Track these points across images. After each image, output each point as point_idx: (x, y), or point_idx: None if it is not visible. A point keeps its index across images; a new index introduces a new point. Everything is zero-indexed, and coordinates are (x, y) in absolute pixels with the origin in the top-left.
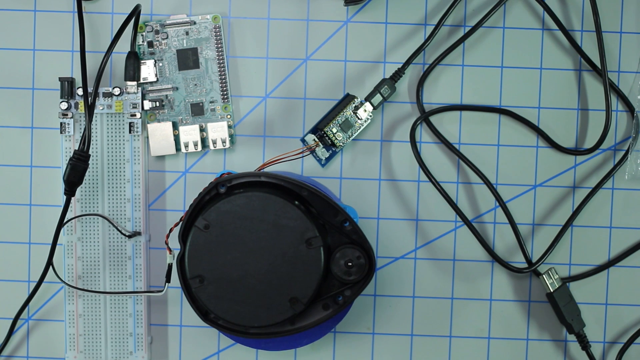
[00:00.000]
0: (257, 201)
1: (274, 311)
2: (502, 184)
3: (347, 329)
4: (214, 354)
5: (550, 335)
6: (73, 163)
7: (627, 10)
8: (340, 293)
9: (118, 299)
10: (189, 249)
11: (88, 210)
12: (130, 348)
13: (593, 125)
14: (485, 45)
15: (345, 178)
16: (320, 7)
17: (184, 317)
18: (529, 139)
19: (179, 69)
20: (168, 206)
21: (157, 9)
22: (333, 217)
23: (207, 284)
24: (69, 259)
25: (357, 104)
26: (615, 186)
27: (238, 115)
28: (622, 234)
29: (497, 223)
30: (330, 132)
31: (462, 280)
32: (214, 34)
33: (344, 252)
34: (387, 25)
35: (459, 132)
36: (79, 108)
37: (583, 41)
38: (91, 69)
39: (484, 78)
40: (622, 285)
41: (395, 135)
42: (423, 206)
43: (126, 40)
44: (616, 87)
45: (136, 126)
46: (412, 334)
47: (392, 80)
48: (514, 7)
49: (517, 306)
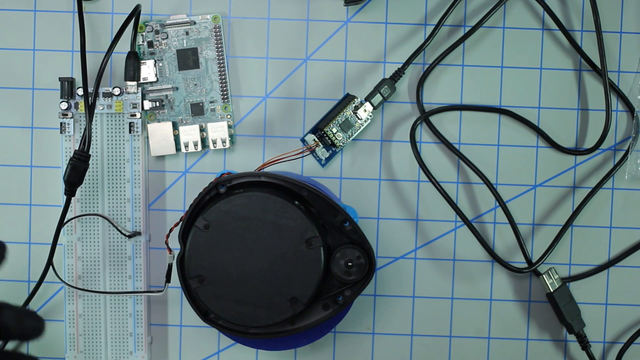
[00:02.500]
0: (257, 201)
1: (274, 311)
2: (502, 184)
3: (347, 329)
4: (214, 354)
5: (550, 335)
6: (73, 163)
7: (627, 10)
8: (340, 293)
9: (118, 299)
10: (189, 249)
11: (88, 210)
12: (130, 348)
13: (593, 125)
14: (485, 45)
15: (345, 178)
16: (320, 7)
17: (184, 317)
18: (529, 139)
19: (179, 69)
20: (168, 206)
21: (157, 9)
22: (333, 217)
23: (207, 284)
24: (69, 259)
25: (357, 104)
26: (615, 186)
27: (238, 115)
28: (622, 234)
29: (497, 223)
30: (330, 132)
31: (462, 280)
32: (214, 34)
33: (344, 252)
34: (387, 25)
35: (459, 132)
36: (79, 108)
37: (583, 41)
38: (91, 69)
39: (484, 78)
40: (622, 285)
41: (395, 135)
42: (423, 206)
43: (126, 40)
44: (616, 87)
45: (136, 126)
46: (412, 334)
47: (392, 80)
48: (514, 7)
49: (517, 306)
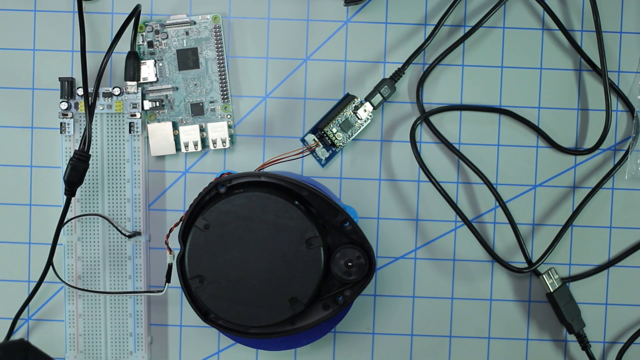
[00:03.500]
0: (257, 201)
1: (274, 311)
2: (502, 184)
3: (347, 329)
4: (214, 354)
5: (550, 335)
6: (73, 163)
7: (627, 10)
8: (340, 293)
9: (118, 299)
10: (189, 249)
11: (88, 210)
12: (130, 348)
13: (593, 125)
14: (485, 45)
15: (345, 178)
16: (320, 7)
17: (184, 317)
18: (529, 139)
19: (179, 69)
20: (168, 206)
21: (157, 9)
22: (333, 217)
23: (207, 284)
24: (69, 259)
25: (357, 104)
26: (615, 186)
27: (238, 115)
28: (622, 234)
29: (497, 223)
30: (330, 132)
31: (462, 280)
32: (214, 34)
33: (344, 252)
34: (387, 25)
35: (459, 132)
36: (79, 108)
37: (583, 41)
38: (91, 69)
39: (484, 78)
40: (622, 285)
41: (395, 135)
42: (423, 206)
43: (126, 40)
44: (616, 87)
45: (136, 126)
46: (412, 334)
47: (392, 80)
48: (514, 7)
49: (517, 306)
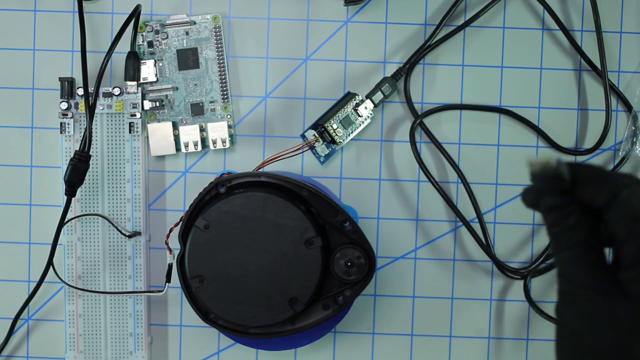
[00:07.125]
0: (257, 201)
1: (274, 311)
2: (502, 184)
3: (347, 329)
4: (214, 354)
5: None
6: (74, 163)
7: (627, 10)
8: (340, 293)
9: (118, 299)
10: (189, 249)
11: (88, 210)
12: (130, 348)
13: (593, 125)
14: (485, 45)
15: (345, 178)
16: (320, 7)
17: (184, 317)
18: (529, 139)
19: (179, 69)
20: (168, 206)
21: (157, 9)
22: (333, 217)
23: (207, 284)
24: (69, 259)
25: (358, 101)
26: None
27: (238, 115)
28: None
29: (497, 223)
30: (331, 128)
31: (462, 280)
32: (214, 34)
33: (344, 252)
34: (387, 25)
35: (458, 132)
36: (79, 108)
37: (583, 41)
38: (91, 69)
39: (484, 78)
40: None
41: (395, 135)
42: (423, 206)
43: (126, 40)
44: (616, 88)
45: (136, 126)
46: (412, 334)
47: (393, 78)
48: (514, 7)
49: (517, 306)
